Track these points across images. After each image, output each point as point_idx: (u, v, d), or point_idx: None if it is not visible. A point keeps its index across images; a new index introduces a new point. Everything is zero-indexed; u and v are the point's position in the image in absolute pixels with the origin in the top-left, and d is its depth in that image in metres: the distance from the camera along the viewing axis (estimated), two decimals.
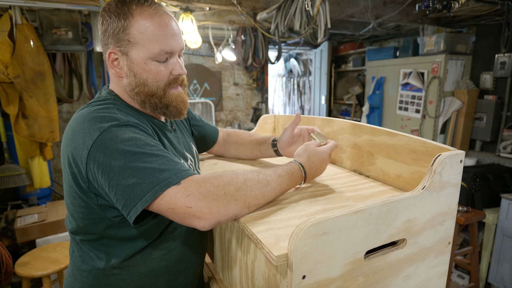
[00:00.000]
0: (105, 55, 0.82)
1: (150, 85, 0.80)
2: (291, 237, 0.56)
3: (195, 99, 4.35)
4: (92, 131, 0.69)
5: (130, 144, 0.68)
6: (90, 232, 0.79)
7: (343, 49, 5.16)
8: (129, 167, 0.66)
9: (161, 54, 0.78)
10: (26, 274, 1.82)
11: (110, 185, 0.67)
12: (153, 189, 0.65)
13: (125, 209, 0.67)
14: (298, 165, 0.84)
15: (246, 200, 0.70)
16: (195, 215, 0.65)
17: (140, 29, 0.76)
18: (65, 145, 0.75)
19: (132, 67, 0.79)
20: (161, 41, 0.77)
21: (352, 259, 0.64)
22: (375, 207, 0.63)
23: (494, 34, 3.14)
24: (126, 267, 0.80)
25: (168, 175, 0.66)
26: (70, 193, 0.77)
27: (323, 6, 1.93)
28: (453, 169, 0.74)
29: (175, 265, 0.86)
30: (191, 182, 0.67)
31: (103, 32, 0.80)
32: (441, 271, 0.82)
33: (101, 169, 0.68)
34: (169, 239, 0.84)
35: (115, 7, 0.77)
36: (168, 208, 0.66)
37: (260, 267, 0.70)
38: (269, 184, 0.75)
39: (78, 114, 0.76)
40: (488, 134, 3.16)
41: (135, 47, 0.77)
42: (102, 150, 0.68)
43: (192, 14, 2.79)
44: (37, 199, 3.00)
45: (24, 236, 2.34)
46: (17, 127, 2.54)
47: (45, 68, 2.55)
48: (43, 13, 2.58)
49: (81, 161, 0.70)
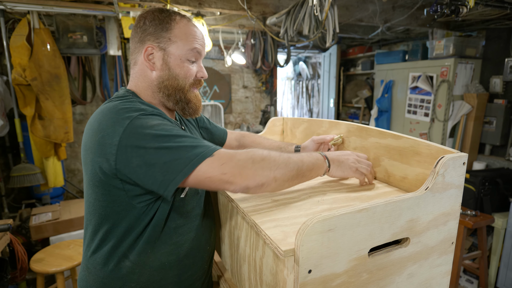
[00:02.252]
0: (139, 50, 0.90)
1: (180, 81, 0.91)
2: (298, 233, 0.59)
3: (205, 101, 4.41)
4: (121, 120, 0.75)
5: (160, 129, 0.76)
6: (109, 221, 0.83)
7: (352, 52, 5.17)
8: (163, 147, 0.73)
9: (194, 53, 0.91)
10: (41, 270, 1.89)
11: (145, 166, 0.73)
12: (191, 162, 0.73)
13: (162, 185, 0.74)
14: (317, 153, 0.92)
15: (271, 168, 0.78)
16: (228, 181, 0.75)
17: (181, 31, 0.89)
18: (90, 136, 0.79)
19: (169, 61, 0.89)
20: (195, 42, 0.91)
21: (356, 255, 0.66)
22: (379, 206, 0.66)
23: (504, 38, 3.12)
24: (137, 261, 0.85)
25: (201, 150, 0.75)
26: (93, 182, 0.81)
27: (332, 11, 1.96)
28: (456, 171, 0.77)
29: (183, 259, 0.91)
30: (223, 153, 0.76)
31: (142, 30, 0.89)
32: (445, 270, 0.84)
33: (134, 152, 0.73)
34: (179, 235, 0.89)
35: (159, 13, 0.90)
36: (206, 177, 0.74)
37: (268, 263, 0.73)
38: (290, 157, 0.83)
39: (103, 108, 0.82)
40: (498, 138, 3.13)
41: (174, 45, 0.88)
42: (134, 135, 0.74)
43: (203, 18, 2.86)
44: (50, 198, 3.08)
45: (39, 233, 2.41)
46: (33, 128, 2.62)
47: (61, 71, 2.64)
48: (60, 18, 2.67)
49: (110, 148, 0.75)
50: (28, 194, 3.21)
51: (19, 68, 2.49)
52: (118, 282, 0.85)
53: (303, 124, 1.44)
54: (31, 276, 2.56)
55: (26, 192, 3.22)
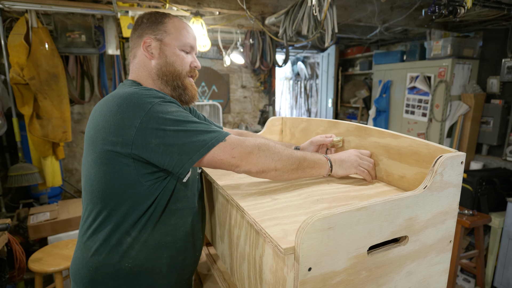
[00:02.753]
0: (139, 44, 1.00)
1: (177, 67, 1.00)
2: (298, 231, 0.60)
3: (203, 101, 4.41)
4: (143, 104, 0.83)
5: (178, 115, 0.84)
6: (115, 197, 0.88)
7: (350, 52, 5.18)
8: (182, 130, 0.82)
9: (187, 46, 1.01)
10: (39, 269, 1.88)
11: (164, 145, 0.82)
12: (206, 144, 0.83)
13: (180, 162, 0.83)
14: (320, 154, 1.00)
15: (273, 158, 0.87)
16: (235, 164, 0.86)
17: (174, 26, 1.00)
18: (106, 117, 0.85)
19: (165, 50, 0.98)
20: (187, 36, 1.02)
21: (355, 253, 0.67)
22: (378, 205, 0.67)
23: (501, 38, 3.14)
24: (138, 238, 0.91)
25: (215, 135, 0.85)
26: (101, 160, 0.87)
27: (331, 11, 1.97)
28: (454, 170, 0.77)
29: (178, 242, 0.98)
30: (234, 139, 0.86)
31: (140, 27, 1.00)
32: (443, 268, 0.85)
33: (154, 133, 0.81)
34: (177, 217, 0.97)
35: (155, 12, 1.02)
36: (218, 159, 0.84)
37: (268, 261, 0.73)
38: (293, 153, 0.92)
39: (118, 93, 0.87)
40: (495, 138, 3.15)
41: (169, 36, 0.99)
42: (155, 119, 0.81)
43: (202, 18, 2.86)
44: (48, 198, 3.07)
45: (37, 233, 2.41)
46: (31, 127, 2.61)
47: (59, 70, 2.63)
48: (58, 17, 2.66)
49: (130, 129, 0.82)
50: (25, 193, 3.20)
51: (17, 67, 2.48)
52: (116, 257, 0.90)
53: (302, 123, 1.44)
54: (29, 275, 2.55)
55: (24, 192, 3.21)
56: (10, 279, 2.02)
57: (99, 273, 0.91)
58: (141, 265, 0.92)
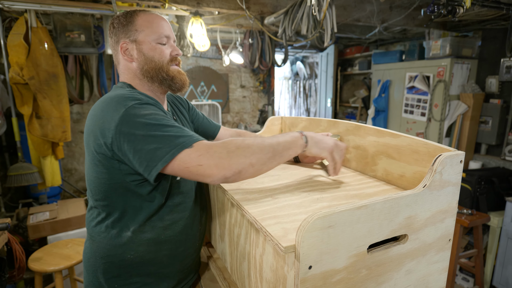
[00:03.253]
0: (117, 50, 1.00)
1: (157, 61, 0.99)
2: (299, 229, 0.60)
3: (202, 101, 4.42)
4: (119, 107, 0.83)
5: (151, 118, 0.83)
6: (109, 196, 0.92)
7: (349, 52, 5.19)
8: (151, 135, 0.80)
9: (162, 37, 0.99)
10: (39, 269, 1.88)
11: (134, 150, 0.81)
12: (171, 151, 0.79)
13: (147, 169, 0.81)
14: (294, 131, 0.95)
15: (246, 155, 0.81)
16: (205, 172, 0.79)
17: (144, 21, 0.99)
18: (93, 121, 0.88)
19: (141, 49, 0.98)
20: (160, 27, 1.00)
21: (355, 252, 0.67)
22: (378, 203, 0.67)
23: (500, 38, 3.15)
24: (136, 232, 0.94)
25: (182, 140, 0.80)
26: (94, 162, 0.90)
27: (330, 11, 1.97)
28: (453, 169, 0.78)
29: (177, 235, 1.00)
30: (202, 145, 0.81)
31: (114, 33, 1.00)
32: (442, 267, 0.85)
33: (126, 138, 0.81)
34: (175, 212, 0.98)
35: (122, 14, 1.01)
36: (184, 167, 0.79)
37: (268, 260, 0.74)
38: (264, 140, 0.86)
39: (106, 97, 0.90)
40: (493, 138, 3.17)
41: (142, 33, 0.98)
42: (127, 122, 0.81)
43: (201, 18, 2.86)
44: (47, 198, 3.07)
45: (36, 233, 2.41)
46: (31, 127, 2.61)
47: (58, 70, 2.63)
48: (57, 16, 2.66)
49: (108, 132, 0.83)
50: (25, 193, 3.20)
51: (16, 67, 2.47)
52: (119, 249, 0.94)
53: (302, 123, 1.45)
54: (29, 275, 2.55)
55: (23, 192, 3.21)
56: (10, 279, 2.02)
57: (106, 262, 0.95)
58: (142, 256, 0.95)
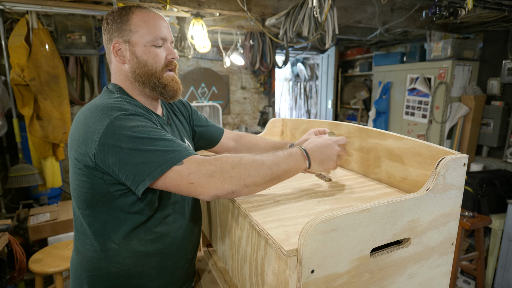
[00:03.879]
0: (109, 49, 0.94)
1: (150, 66, 0.93)
2: (301, 233, 0.59)
3: (203, 102, 4.41)
4: (103, 118, 0.79)
5: (137, 131, 0.79)
6: (92, 206, 0.88)
7: (350, 54, 5.19)
8: (137, 149, 0.77)
9: (157, 39, 0.93)
10: (40, 270, 1.88)
11: (119, 164, 0.78)
12: (160, 167, 0.76)
13: (133, 183, 0.79)
14: (298, 148, 0.89)
15: (241, 177, 0.78)
16: (196, 190, 0.77)
17: (139, 20, 0.92)
18: (76, 129, 0.84)
19: (134, 51, 0.92)
20: (156, 28, 0.93)
21: (358, 255, 0.67)
22: (381, 207, 0.67)
23: (501, 40, 3.15)
24: (122, 244, 0.90)
25: (171, 156, 0.77)
26: (76, 171, 0.86)
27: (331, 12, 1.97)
28: (457, 172, 0.77)
29: (167, 248, 0.95)
30: (193, 162, 0.78)
31: (107, 30, 0.94)
32: (445, 270, 0.84)
33: (111, 150, 0.78)
34: (163, 224, 0.93)
35: (118, 10, 0.94)
36: (174, 184, 0.77)
37: (270, 263, 0.73)
38: (264, 163, 0.81)
39: (91, 104, 0.86)
40: (495, 140, 3.16)
41: (136, 34, 0.91)
42: (112, 135, 0.78)
43: (203, 19, 2.86)
44: (47, 199, 3.07)
45: (37, 234, 2.40)
46: (32, 128, 2.61)
47: (59, 71, 2.63)
48: (58, 18, 2.66)
49: (91, 143, 0.79)
50: (25, 194, 3.19)
51: (17, 68, 2.48)
52: (104, 262, 0.90)
53: (303, 125, 1.44)
54: (30, 276, 2.55)
55: (24, 193, 3.20)
56: (11, 280, 2.02)
57: (91, 276, 0.92)
58: (129, 269, 0.91)
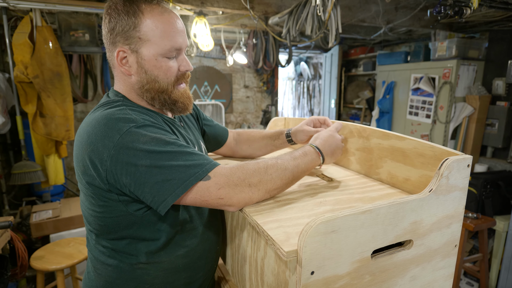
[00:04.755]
0: (112, 53, 0.82)
1: (161, 82, 0.83)
2: (301, 234, 0.59)
3: (206, 101, 4.41)
4: (111, 133, 0.71)
5: (153, 144, 0.71)
6: (113, 231, 0.80)
7: (354, 53, 5.16)
8: (156, 166, 0.70)
9: (171, 51, 0.81)
10: (41, 267, 1.88)
11: (136, 184, 0.71)
12: (183, 184, 0.71)
13: (154, 203, 0.72)
14: (310, 146, 0.92)
15: (267, 188, 0.79)
16: (225, 204, 0.76)
17: (151, 26, 0.78)
18: (80, 149, 0.75)
19: (143, 64, 0.80)
20: (171, 38, 0.80)
21: (359, 257, 0.66)
22: (383, 208, 0.66)
23: (507, 40, 3.11)
24: (151, 263, 0.83)
25: (195, 170, 0.72)
26: (89, 194, 0.78)
27: (335, 11, 1.95)
28: (460, 173, 0.76)
29: (196, 261, 0.90)
30: (220, 175, 0.74)
31: (109, 30, 0.80)
32: (447, 273, 0.83)
33: (125, 169, 0.70)
34: (192, 237, 0.88)
35: (123, 5, 0.78)
36: (202, 200, 0.74)
37: (270, 264, 0.72)
38: (286, 168, 0.82)
39: (91, 118, 0.76)
40: (500, 141, 3.12)
41: (146, 44, 0.79)
42: (125, 151, 0.70)
43: (205, 18, 2.85)
44: (50, 196, 3.08)
45: (39, 231, 2.41)
46: (35, 125, 2.62)
47: (62, 69, 2.63)
48: (62, 15, 2.67)
49: (101, 163, 0.71)
50: (28, 191, 3.21)
51: (21, 66, 2.48)
52: (131, 283, 0.83)
53: None
54: (31, 273, 2.56)
55: (27, 190, 3.22)
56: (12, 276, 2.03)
57: None
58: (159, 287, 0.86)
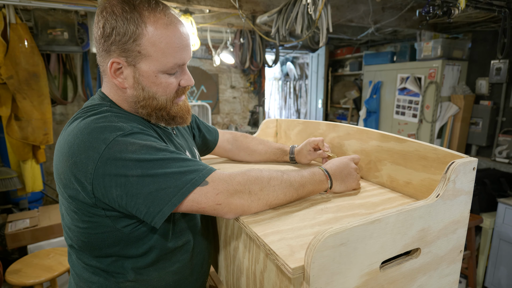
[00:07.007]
0: (105, 61, 0.73)
1: (159, 99, 0.76)
2: (308, 248, 0.54)
3: (192, 101, 4.32)
4: (96, 144, 0.64)
5: (143, 153, 0.66)
6: (97, 248, 0.74)
7: (340, 53, 5.18)
8: (148, 175, 0.65)
9: (174, 68, 0.74)
10: (18, 282, 1.76)
11: (128, 196, 0.65)
12: (179, 192, 0.66)
13: (148, 216, 0.66)
14: (319, 168, 0.88)
15: (268, 199, 0.75)
16: (222, 210, 0.71)
17: (154, 41, 0.70)
18: (60, 160, 0.68)
19: (141, 80, 0.73)
20: (175, 54, 0.73)
21: (368, 270, 0.61)
22: (392, 216, 0.62)
23: (489, 40, 3.17)
24: (139, 281, 0.77)
25: (191, 176, 0.68)
26: (71, 209, 0.71)
27: (325, 10, 1.92)
28: (466, 177, 0.73)
29: (188, 277, 0.85)
30: (218, 180, 0.70)
31: (104, 36, 0.71)
32: (453, 280, 0.80)
33: (114, 182, 0.64)
34: (184, 252, 0.83)
35: (122, 10, 0.69)
36: (199, 207, 0.69)
37: (271, 278, 0.67)
38: (292, 185, 0.78)
39: (73, 127, 0.69)
40: (484, 139, 3.18)
41: (146, 60, 0.71)
42: (113, 162, 0.64)
43: (192, 16, 2.77)
44: (28, 203, 2.93)
45: (15, 242, 2.27)
46: (9, 129, 2.47)
47: (39, 69, 2.50)
48: (38, 12, 2.53)
49: (85, 177, 0.65)
50: (4, 198, 3.03)
51: None
52: None
53: (298, 126, 1.38)
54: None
55: (2, 196, 3.04)
56: None
57: None
58: None
